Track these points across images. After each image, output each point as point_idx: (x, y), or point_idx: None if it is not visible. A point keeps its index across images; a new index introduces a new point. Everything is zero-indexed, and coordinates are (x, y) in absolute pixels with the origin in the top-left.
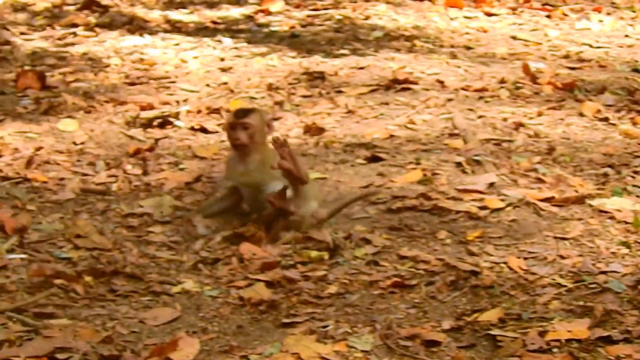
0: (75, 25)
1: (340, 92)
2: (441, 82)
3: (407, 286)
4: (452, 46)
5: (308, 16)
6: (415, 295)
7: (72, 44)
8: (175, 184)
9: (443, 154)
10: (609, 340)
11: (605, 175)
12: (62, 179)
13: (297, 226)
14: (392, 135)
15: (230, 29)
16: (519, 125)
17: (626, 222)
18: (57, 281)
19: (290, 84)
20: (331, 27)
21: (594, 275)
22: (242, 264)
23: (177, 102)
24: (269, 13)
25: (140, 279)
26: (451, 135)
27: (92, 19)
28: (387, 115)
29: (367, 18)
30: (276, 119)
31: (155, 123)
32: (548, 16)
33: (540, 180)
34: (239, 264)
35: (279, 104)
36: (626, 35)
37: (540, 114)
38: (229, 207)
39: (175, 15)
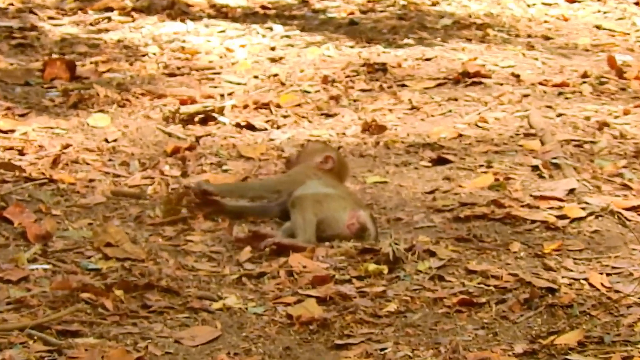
0: (109, 10)
1: (403, 86)
2: (516, 76)
3: (475, 304)
4: (529, 36)
5: (369, 1)
6: (485, 315)
7: (106, 30)
8: None
9: (518, 156)
10: None
11: None
12: (91, 180)
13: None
14: (460, 135)
15: (282, 14)
16: (603, 125)
17: None
18: (84, 295)
19: (347, 76)
20: (394, 14)
21: None
22: (291, 277)
23: (222, 95)
24: None
25: (176, 294)
26: (527, 135)
27: (129, 3)
28: (456, 113)
29: (434, 4)
30: (331, 116)
31: (196, 119)
32: (636, 3)
33: (626, 187)
34: (287, 277)
35: (335, 98)
36: None
37: (626, 113)
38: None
39: None
